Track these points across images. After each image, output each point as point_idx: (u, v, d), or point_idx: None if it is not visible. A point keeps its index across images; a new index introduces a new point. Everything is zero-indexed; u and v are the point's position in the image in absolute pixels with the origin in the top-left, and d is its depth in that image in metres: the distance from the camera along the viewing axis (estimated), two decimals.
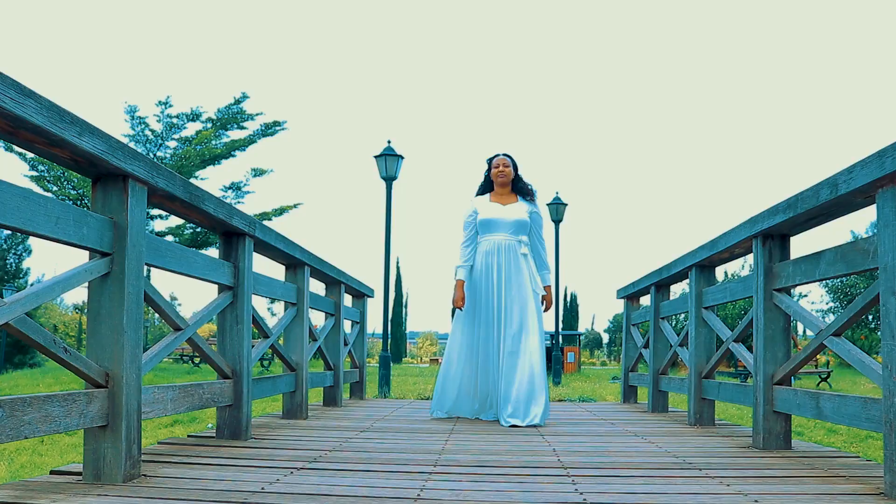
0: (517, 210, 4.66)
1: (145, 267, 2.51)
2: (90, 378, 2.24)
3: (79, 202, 17.17)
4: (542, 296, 4.60)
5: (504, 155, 4.75)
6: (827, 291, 23.95)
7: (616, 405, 6.43)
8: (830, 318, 21.02)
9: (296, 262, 4.45)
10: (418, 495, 2.12)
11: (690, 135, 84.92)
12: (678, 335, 5.05)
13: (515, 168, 4.76)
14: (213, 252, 18.08)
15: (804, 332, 26.67)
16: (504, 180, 4.71)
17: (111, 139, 2.24)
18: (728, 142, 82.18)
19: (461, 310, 4.62)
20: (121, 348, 2.29)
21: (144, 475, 2.36)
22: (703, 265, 4.33)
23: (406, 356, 50.33)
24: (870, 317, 20.41)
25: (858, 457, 3.03)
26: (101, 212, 2.34)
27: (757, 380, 3.30)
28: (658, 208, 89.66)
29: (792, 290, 3.33)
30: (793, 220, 2.95)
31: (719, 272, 24.37)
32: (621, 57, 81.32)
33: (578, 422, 4.63)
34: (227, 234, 3.44)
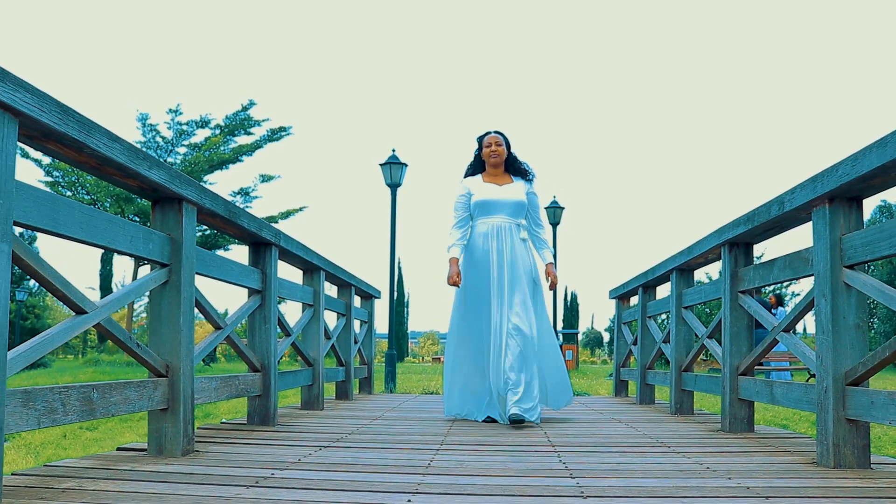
0: (515, 191, 4.34)
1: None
2: (154, 368, 2.68)
3: (94, 206, 17.64)
4: (546, 271, 4.35)
5: (496, 133, 4.41)
6: None
7: (608, 398, 6.86)
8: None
9: (313, 267, 4.89)
10: (429, 464, 2.57)
11: (688, 134, 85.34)
12: (662, 332, 5.49)
13: (508, 147, 4.41)
14: (221, 252, 18.55)
15: (804, 330, 27.12)
16: (497, 160, 4.37)
17: (171, 170, 2.68)
18: (724, 142, 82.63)
19: (459, 288, 4.27)
20: (178, 344, 2.74)
21: (197, 451, 2.80)
22: (682, 269, 4.77)
23: (408, 355, 50.80)
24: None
25: (810, 437, 3.47)
26: (160, 229, 2.78)
27: (724, 371, 3.74)
28: (657, 210, 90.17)
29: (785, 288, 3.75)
30: (752, 231, 3.39)
31: (714, 273, 24.83)
32: (619, 67, 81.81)
33: (571, 412, 5.04)
34: (255, 244, 3.89)
